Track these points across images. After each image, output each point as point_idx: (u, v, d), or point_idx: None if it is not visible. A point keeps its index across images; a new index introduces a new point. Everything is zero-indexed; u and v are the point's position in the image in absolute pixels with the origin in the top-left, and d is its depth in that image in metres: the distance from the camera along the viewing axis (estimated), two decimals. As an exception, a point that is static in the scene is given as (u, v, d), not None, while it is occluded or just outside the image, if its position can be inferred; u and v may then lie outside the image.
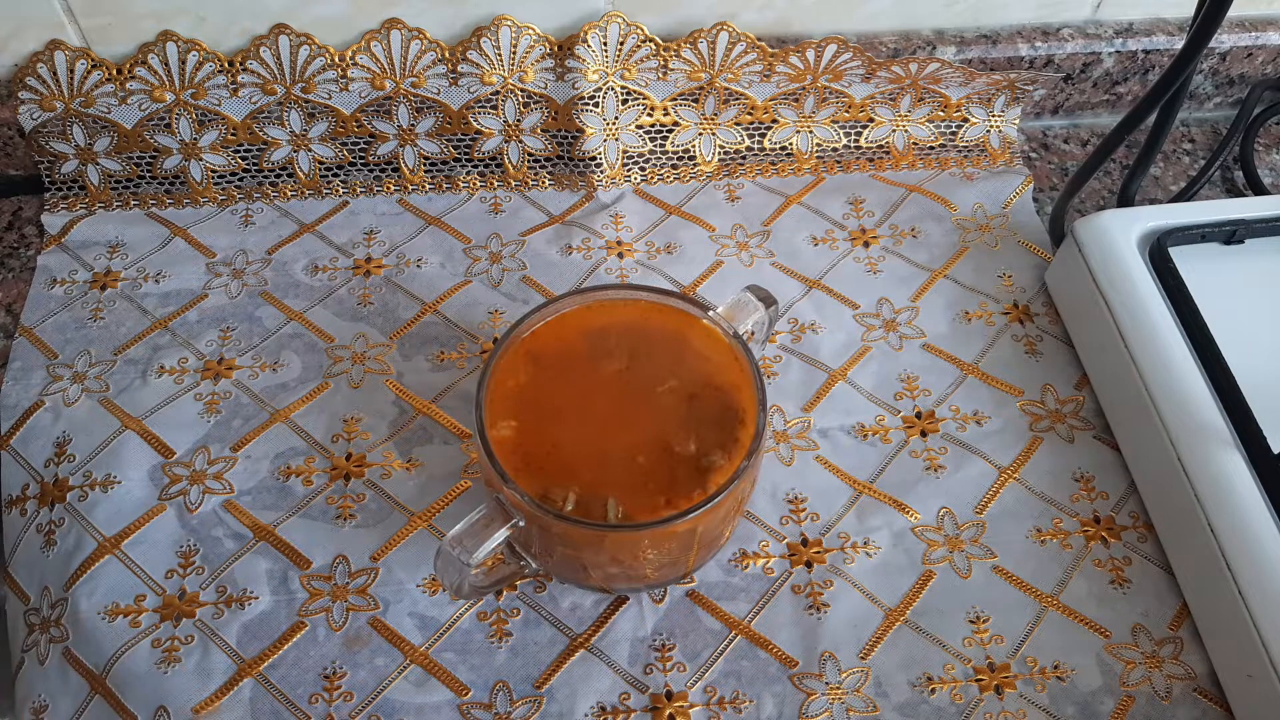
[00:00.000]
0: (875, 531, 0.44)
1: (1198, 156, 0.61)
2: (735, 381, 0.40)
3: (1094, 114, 0.62)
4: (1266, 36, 0.58)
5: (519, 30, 0.52)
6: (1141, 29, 0.58)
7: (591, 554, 0.39)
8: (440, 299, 0.52)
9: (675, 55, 0.54)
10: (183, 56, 0.52)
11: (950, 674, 0.41)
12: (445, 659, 0.41)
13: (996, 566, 0.44)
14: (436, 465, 0.46)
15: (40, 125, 0.52)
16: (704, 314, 0.42)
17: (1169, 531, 0.44)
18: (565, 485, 0.37)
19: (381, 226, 0.55)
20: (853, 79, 0.55)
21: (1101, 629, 0.42)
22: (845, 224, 0.55)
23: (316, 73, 0.53)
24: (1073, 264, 0.49)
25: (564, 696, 0.40)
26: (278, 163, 0.55)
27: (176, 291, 0.52)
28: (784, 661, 0.41)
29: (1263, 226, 0.49)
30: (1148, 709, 0.40)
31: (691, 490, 0.37)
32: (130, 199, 0.55)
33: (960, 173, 0.58)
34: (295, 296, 0.52)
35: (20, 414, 0.47)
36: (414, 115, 0.55)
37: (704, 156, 0.57)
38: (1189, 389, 0.43)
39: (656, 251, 0.54)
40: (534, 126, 0.56)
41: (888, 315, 0.52)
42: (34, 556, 0.43)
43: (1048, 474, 0.46)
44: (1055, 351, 0.51)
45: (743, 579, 0.43)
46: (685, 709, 0.40)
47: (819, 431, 0.47)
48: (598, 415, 0.40)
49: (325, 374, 0.49)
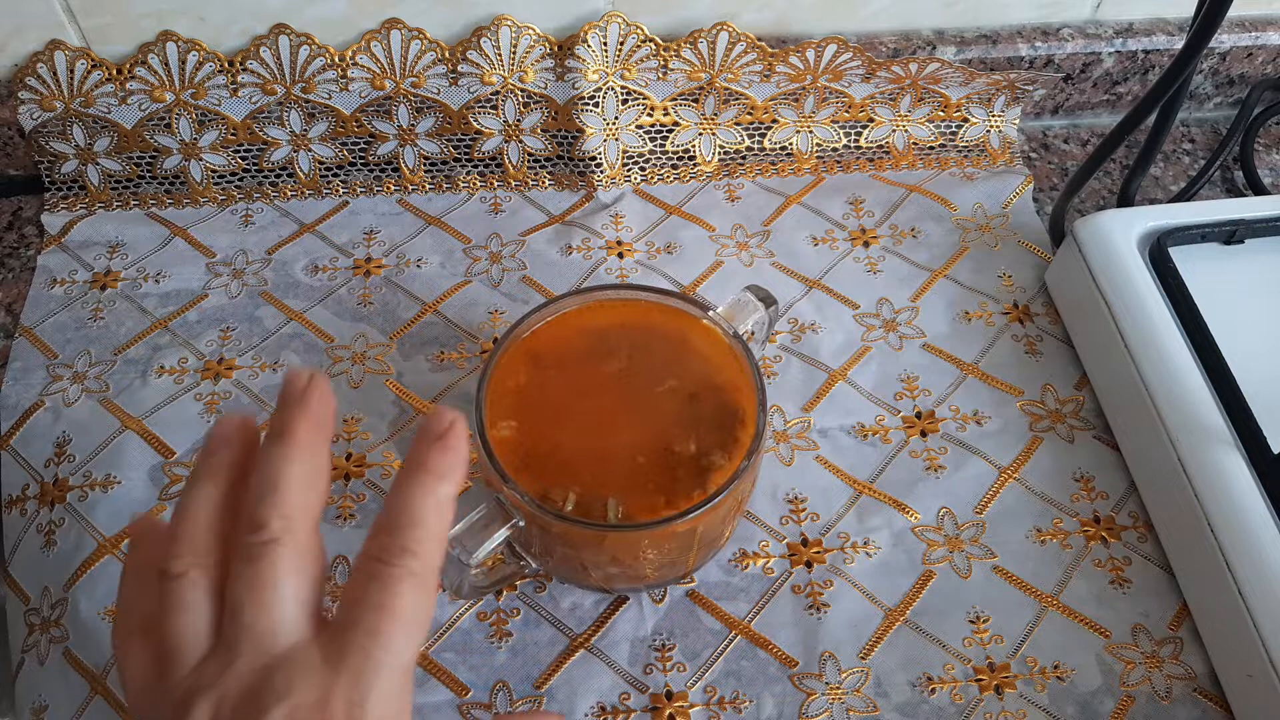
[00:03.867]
0: (875, 531, 0.44)
1: (1198, 156, 0.61)
2: (735, 381, 0.40)
3: (1094, 114, 0.62)
4: (1266, 36, 0.58)
5: (519, 30, 0.52)
6: (1141, 29, 0.58)
7: (591, 554, 0.39)
8: (440, 299, 0.52)
9: (675, 55, 0.54)
10: (183, 56, 0.52)
11: (950, 674, 0.41)
12: (445, 659, 0.41)
13: (996, 566, 0.44)
14: (436, 465, 0.46)
15: (40, 125, 0.52)
16: (704, 314, 0.42)
17: (1169, 531, 0.44)
18: (565, 485, 0.37)
19: (381, 226, 0.55)
20: (853, 79, 0.55)
21: (1101, 629, 0.42)
22: (845, 224, 0.55)
23: (316, 73, 0.53)
24: (1073, 264, 0.49)
25: (564, 696, 0.40)
26: (278, 163, 0.55)
27: (176, 291, 0.52)
28: (784, 661, 0.41)
29: (1263, 226, 0.49)
30: (1148, 709, 0.40)
31: (691, 490, 0.37)
32: (130, 199, 0.55)
33: (960, 173, 0.58)
34: (295, 296, 0.52)
35: (20, 414, 0.47)
36: (414, 115, 0.55)
37: (704, 156, 0.57)
38: (1189, 389, 0.43)
39: (656, 251, 0.54)
40: (534, 126, 0.56)
41: (888, 315, 0.52)
42: (34, 556, 0.43)
43: (1048, 474, 0.46)
44: (1055, 351, 0.51)
45: (743, 579, 0.43)
46: (685, 709, 0.40)
47: (819, 431, 0.47)
48: (598, 415, 0.40)
49: (325, 374, 0.49)
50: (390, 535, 0.27)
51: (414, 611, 0.26)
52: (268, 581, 0.26)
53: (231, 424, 0.29)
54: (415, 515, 0.27)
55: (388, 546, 0.26)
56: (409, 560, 0.26)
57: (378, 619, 0.26)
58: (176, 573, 0.26)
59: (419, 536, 0.27)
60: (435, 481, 0.27)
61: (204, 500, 0.28)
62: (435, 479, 0.27)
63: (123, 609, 0.29)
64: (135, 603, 0.29)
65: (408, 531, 0.27)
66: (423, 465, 0.27)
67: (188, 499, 0.28)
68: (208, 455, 0.28)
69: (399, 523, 0.27)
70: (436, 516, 0.27)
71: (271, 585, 0.26)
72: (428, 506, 0.27)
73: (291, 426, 0.27)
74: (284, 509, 0.26)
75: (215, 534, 0.27)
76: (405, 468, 0.28)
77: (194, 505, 0.27)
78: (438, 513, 0.27)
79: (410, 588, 0.26)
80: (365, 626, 0.26)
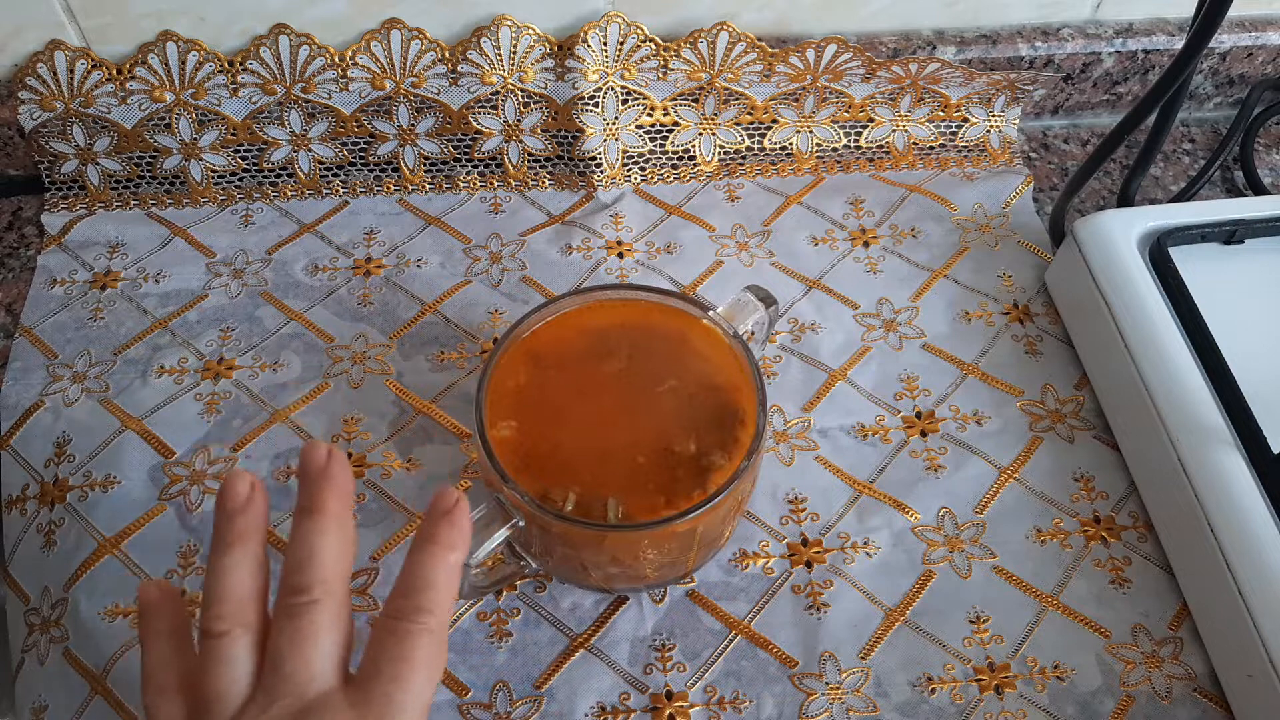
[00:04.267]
0: (875, 531, 0.44)
1: (1198, 156, 0.61)
2: (735, 381, 0.40)
3: (1094, 114, 0.62)
4: (1266, 36, 0.58)
5: (519, 30, 0.52)
6: (1141, 29, 0.58)
7: (591, 554, 0.39)
8: (440, 299, 0.52)
9: (675, 55, 0.54)
10: (183, 56, 0.52)
11: (950, 674, 0.41)
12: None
13: (996, 566, 0.44)
14: (436, 465, 0.46)
15: (40, 125, 0.52)
16: (704, 314, 0.42)
17: (1169, 531, 0.44)
18: (565, 485, 0.37)
19: (381, 226, 0.55)
20: (853, 79, 0.55)
21: (1101, 629, 0.42)
22: (845, 224, 0.55)
23: (316, 73, 0.53)
24: (1073, 264, 0.49)
25: (564, 696, 0.40)
26: (278, 163, 0.55)
27: (176, 291, 0.52)
28: (784, 661, 0.41)
29: (1263, 226, 0.49)
30: (1148, 709, 0.40)
31: (691, 490, 0.37)
32: (130, 199, 0.55)
33: (960, 173, 0.58)
34: (295, 296, 0.52)
35: (20, 414, 0.47)
36: (414, 115, 0.55)
37: (704, 156, 0.57)
38: (1189, 389, 0.43)
39: (656, 251, 0.54)
40: (534, 126, 0.56)
41: (888, 315, 0.52)
42: (34, 556, 0.43)
43: (1048, 474, 0.46)
44: (1055, 351, 0.51)
45: (743, 579, 0.43)
46: (685, 709, 0.40)
47: (819, 431, 0.47)
48: (598, 415, 0.40)
49: (325, 374, 0.49)
50: (408, 598, 0.31)
51: (430, 660, 0.30)
52: (309, 636, 0.30)
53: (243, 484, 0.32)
54: (429, 580, 0.31)
55: (405, 608, 0.30)
56: (425, 618, 0.30)
57: (399, 668, 0.30)
58: (220, 631, 0.30)
59: (433, 599, 0.31)
60: (446, 552, 0.32)
61: (236, 565, 0.31)
62: (446, 549, 0.32)
63: (153, 669, 0.32)
64: (167, 662, 0.32)
65: (423, 594, 0.31)
66: (434, 539, 0.32)
67: (223, 564, 0.31)
68: (230, 521, 0.31)
69: (415, 587, 0.31)
70: (446, 580, 0.31)
71: (313, 640, 0.30)
72: (439, 573, 0.31)
73: (322, 501, 0.31)
74: (322, 575, 0.30)
75: (250, 595, 0.31)
76: (418, 541, 0.32)
77: (229, 570, 0.31)
78: (448, 577, 0.31)
79: (427, 641, 0.30)
80: (388, 675, 0.30)
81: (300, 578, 0.30)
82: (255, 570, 0.31)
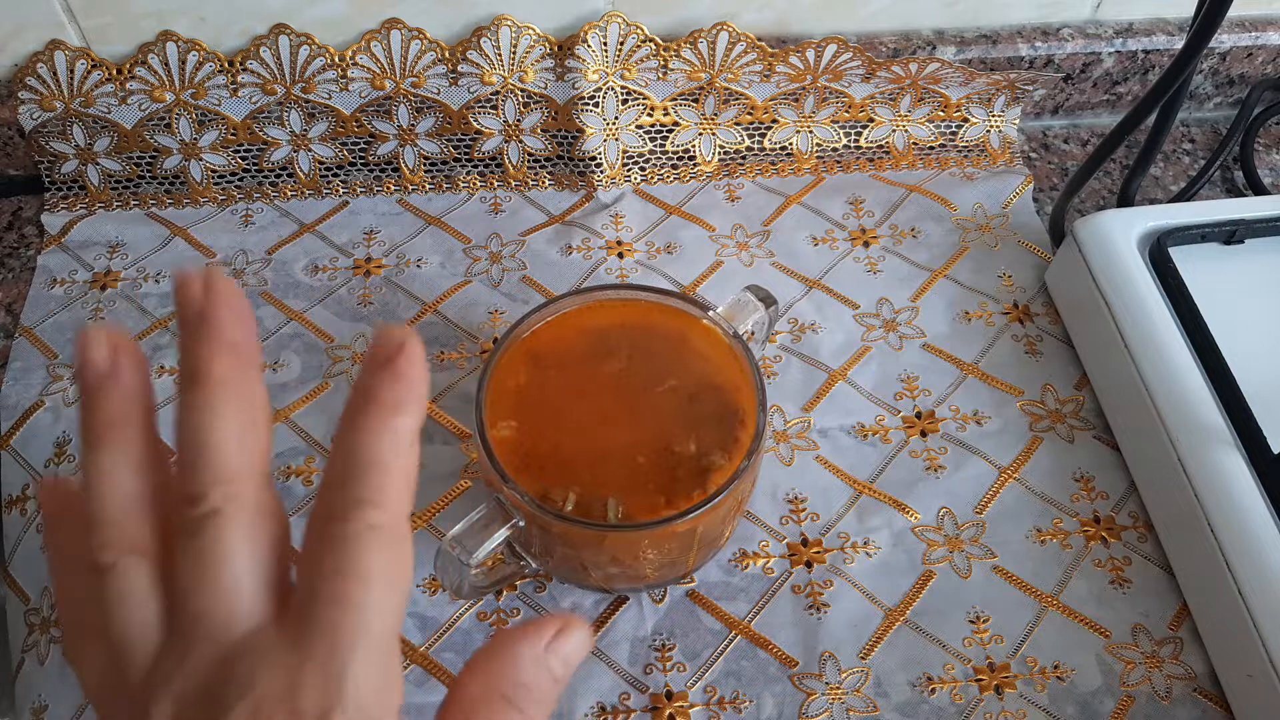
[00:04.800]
0: (875, 531, 0.44)
1: (1198, 156, 0.61)
2: (735, 381, 0.40)
3: (1094, 114, 0.62)
4: (1266, 36, 0.58)
5: (519, 30, 0.52)
6: (1141, 29, 0.58)
7: (591, 554, 0.39)
8: (440, 299, 0.52)
9: (675, 55, 0.54)
10: (183, 56, 0.52)
11: (950, 674, 0.41)
12: (445, 659, 0.41)
13: (996, 566, 0.44)
14: (436, 465, 0.46)
15: (40, 125, 0.52)
16: (704, 314, 0.42)
17: (1169, 531, 0.44)
18: (565, 485, 0.37)
19: (381, 226, 0.55)
20: (853, 79, 0.55)
21: (1101, 629, 0.42)
22: (845, 224, 0.55)
23: (316, 73, 0.53)
24: (1073, 264, 0.49)
25: (564, 696, 0.40)
26: (278, 163, 0.55)
27: (176, 291, 0.52)
28: (784, 661, 0.41)
29: (1263, 226, 0.49)
30: (1148, 709, 0.40)
31: (691, 490, 0.37)
32: (130, 199, 0.55)
33: (960, 173, 0.58)
34: (295, 296, 0.52)
35: (20, 414, 0.47)
36: (414, 115, 0.55)
37: (704, 156, 0.57)
38: (1189, 389, 0.43)
39: (656, 251, 0.54)
40: (534, 126, 0.56)
41: (888, 315, 0.52)
42: (34, 556, 0.43)
43: (1048, 474, 0.46)
44: (1055, 351, 0.51)
45: (743, 579, 0.43)
46: (685, 709, 0.40)
47: (819, 431, 0.47)
48: (598, 415, 0.40)
49: (325, 374, 0.49)
50: (341, 488, 0.22)
51: (385, 570, 0.22)
52: (215, 560, 0.21)
53: (99, 347, 0.23)
54: (368, 458, 0.22)
55: (341, 502, 0.22)
56: (368, 512, 0.22)
57: (341, 586, 0.21)
58: (106, 564, 0.22)
59: (376, 483, 0.22)
60: (389, 415, 0.22)
61: (113, 470, 0.23)
62: (388, 411, 0.22)
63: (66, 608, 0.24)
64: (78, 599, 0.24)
65: (361, 480, 0.22)
66: (371, 397, 0.22)
67: (94, 473, 0.23)
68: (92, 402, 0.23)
69: (352, 471, 0.22)
70: (395, 455, 0.22)
71: (220, 564, 0.21)
72: (382, 445, 0.22)
73: (205, 366, 0.22)
74: (220, 471, 0.22)
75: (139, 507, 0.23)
76: (351, 405, 0.22)
77: (103, 480, 0.23)
78: (395, 451, 0.22)
79: (375, 544, 0.22)
80: (327, 596, 0.21)
81: (192, 482, 0.22)
82: (139, 469, 0.23)
